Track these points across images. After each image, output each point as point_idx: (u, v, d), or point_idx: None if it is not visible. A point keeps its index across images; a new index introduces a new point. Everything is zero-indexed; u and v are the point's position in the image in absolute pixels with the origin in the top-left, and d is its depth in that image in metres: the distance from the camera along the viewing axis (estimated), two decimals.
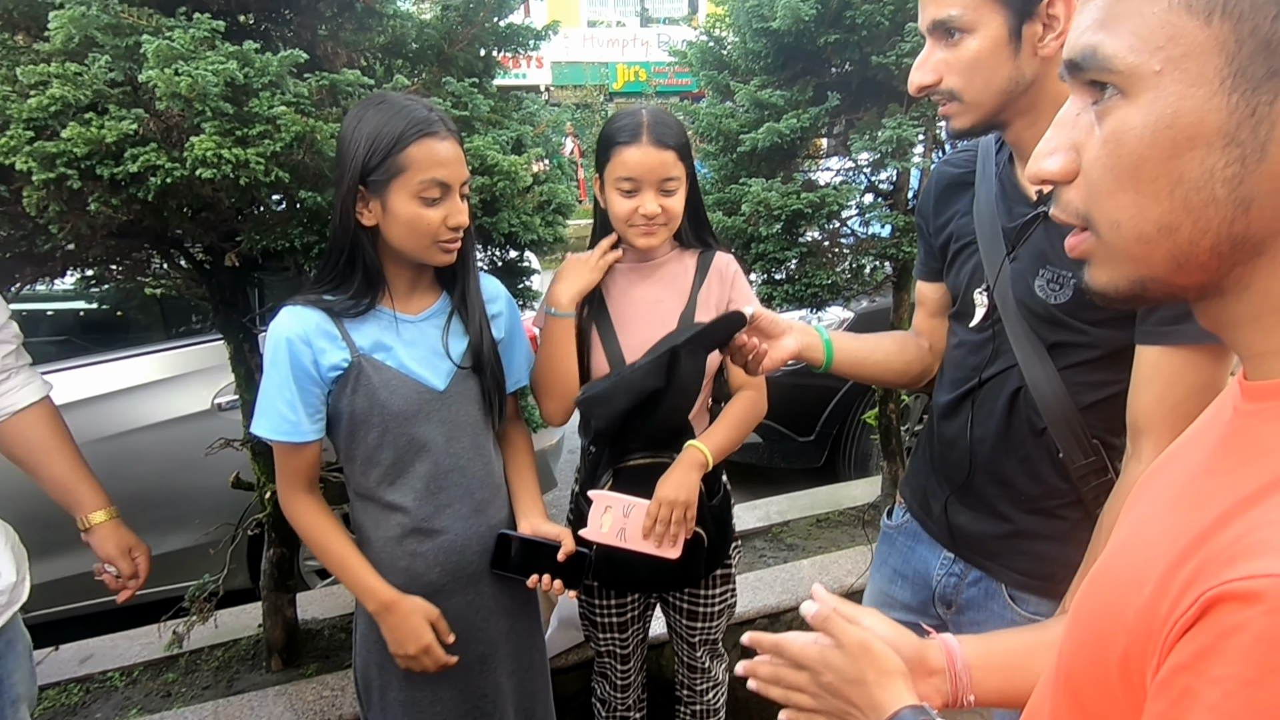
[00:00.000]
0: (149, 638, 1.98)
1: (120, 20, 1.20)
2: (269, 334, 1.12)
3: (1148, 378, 0.91)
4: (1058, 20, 0.88)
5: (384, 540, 1.19)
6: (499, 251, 1.92)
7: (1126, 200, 0.40)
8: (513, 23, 1.76)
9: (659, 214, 1.28)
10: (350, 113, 1.12)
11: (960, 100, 0.93)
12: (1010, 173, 1.05)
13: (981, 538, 1.12)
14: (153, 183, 1.18)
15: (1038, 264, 0.99)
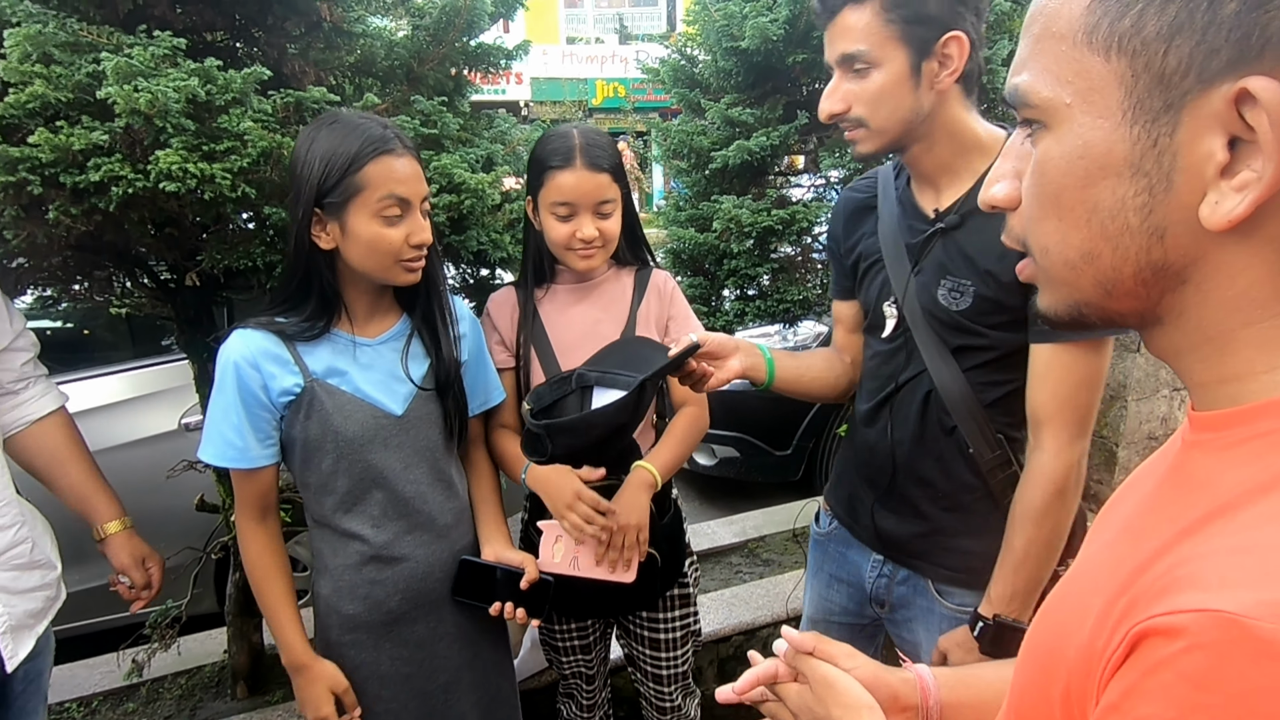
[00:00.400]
0: (108, 666, 1.92)
1: (79, 38, 1.18)
2: (218, 358, 1.10)
3: (1041, 374, 1.01)
4: (951, 59, 0.98)
5: (342, 568, 1.16)
6: (469, 270, 1.92)
7: (1051, 227, 0.42)
8: (483, 42, 1.77)
9: (596, 237, 1.27)
10: (302, 133, 1.10)
11: (867, 127, 1.03)
12: (909, 194, 1.14)
13: (907, 538, 1.19)
14: (115, 193, 1.16)
15: (939, 275, 1.07)
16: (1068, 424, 1.00)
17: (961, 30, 0.97)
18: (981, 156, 1.06)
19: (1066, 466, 1.01)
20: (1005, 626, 1.05)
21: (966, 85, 1.03)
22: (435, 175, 1.47)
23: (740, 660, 2.14)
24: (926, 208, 1.11)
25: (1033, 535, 1.03)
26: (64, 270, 1.48)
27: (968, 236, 1.05)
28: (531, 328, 1.36)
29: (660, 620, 1.47)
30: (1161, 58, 0.36)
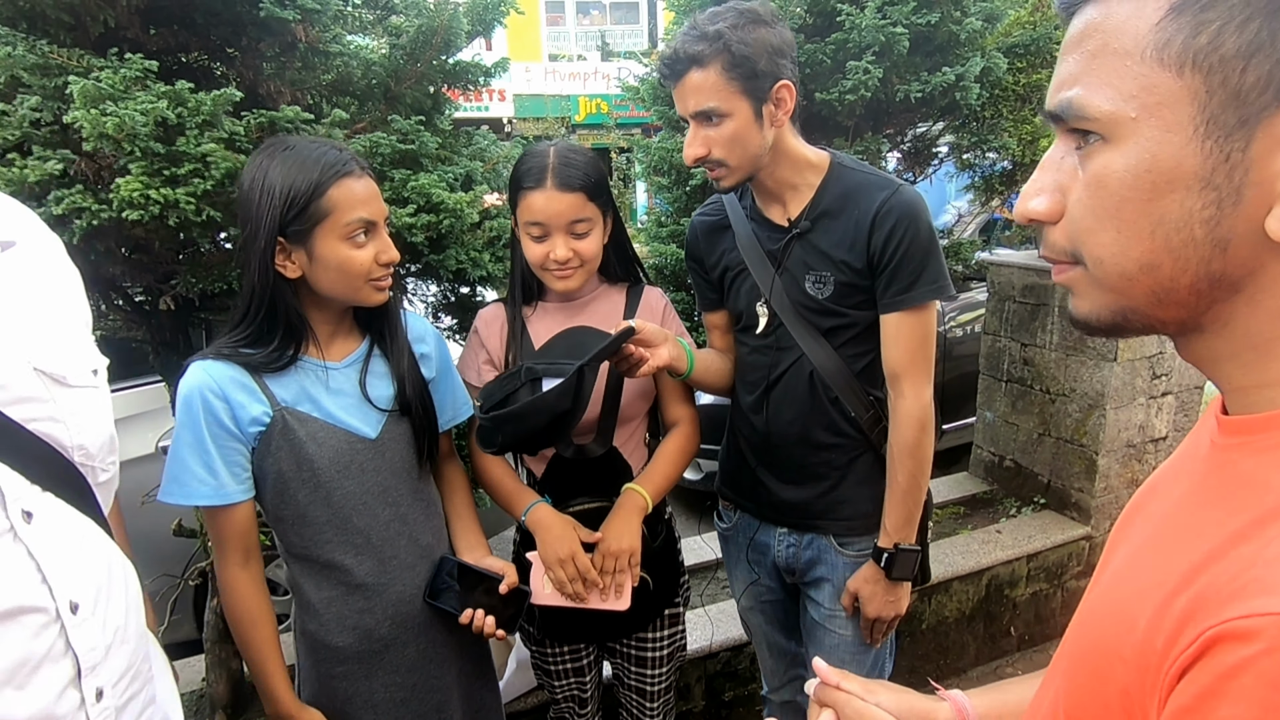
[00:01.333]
0: None
1: (49, 60, 1.17)
2: (179, 392, 1.05)
3: (893, 337, 1.24)
4: (784, 101, 1.18)
5: (327, 600, 1.14)
6: (449, 288, 1.91)
7: (1109, 239, 0.42)
8: (462, 60, 1.77)
9: (571, 258, 1.25)
10: (251, 162, 1.06)
11: (727, 166, 1.20)
12: (758, 211, 1.32)
13: (805, 504, 1.37)
14: (78, 226, 1.15)
15: (803, 271, 1.27)
16: (919, 372, 1.24)
17: (787, 78, 1.17)
18: (815, 173, 1.27)
19: (924, 405, 1.24)
20: (904, 551, 1.26)
21: (792, 119, 1.24)
22: (413, 195, 1.47)
23: (727, 676, 2.13)
24: (777, 219, 1.30)
25: (911, 468, 1.25)
26: None
27: (820, 237, 1.26)
28: (521, 346, 1.35)
29: (649, 640, 1.46)
30: (1239, 75, 0.36)
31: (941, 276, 1.22)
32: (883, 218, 1.20)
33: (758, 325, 1.34)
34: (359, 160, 1.08)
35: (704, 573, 2.51)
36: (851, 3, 1.95)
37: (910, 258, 1.20)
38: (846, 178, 1.25)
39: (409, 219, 1.40)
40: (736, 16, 1.14)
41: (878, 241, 1.20)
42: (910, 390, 1.24)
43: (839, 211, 1.24)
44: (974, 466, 3.05)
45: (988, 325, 2.87)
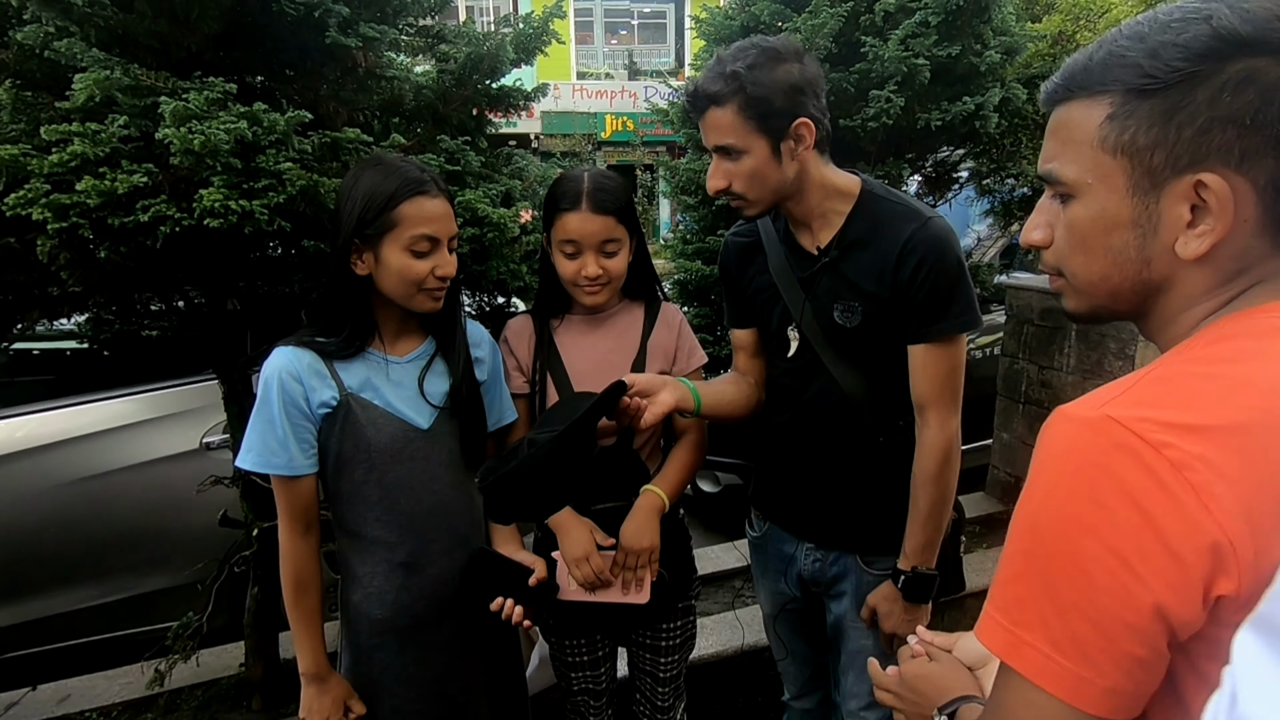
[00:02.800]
0: (128, 677, 1.98)
1: (140, 82, 1.29)
2: (262, 372, 1.17)
3: (920, 367, 1.25)
4: (804, 137, 1.19)
5: (370, 575, 1.24)
6: (487, 297, 2.01)
7: (1080, 260, 0.63)
8: (504, 84, 1.88)
9: (601, 275, 1.34)
10: (350, 172, 1.20)
11: (746, 199, 1.23)
12: (790, 236, 1.33)
13: (834, 523, 1.39)
14: (161, 232, 1.26)
15: (831, 299, 1.28)
16: (945, 403, 1.25)
17: (806, 115, 1.17)
18: (844, 201, 1.27)
19: (949, 436, 1.25)
20: (920, 575, 1.28)
21: (820, 148, 1.23)
22: (459, 210, 1.57)
23: (744, 682, 2.18)
24: (808, 246, 1.31)
25: (933, 495, 1.26)
26: (109, 298, 1.57)
27: (848, 267, 1.26)
28: (548, 355, 1.43)
29: (663, 630, 1.55)
30: (1149, 158, 0.57)
31: (969, 310, 1.23)
32: (909, 252, 1.20)
33: (789, 349, 1.36)
34: (439, 182, 1.20)
35: (720, 581, 2.56)
36: (875, 35, 2.04)
37: (937, 291, 1.20)
38: (876, 207, 1.26)
39: None
40: (757, 55, 1.16)
41: (904, 275, 1.21)
42: (935, 420, 1.25)
43: (867, 242, 1.25)
44: (990, 487, 3.08)
45: (1006, 347, 2.91)
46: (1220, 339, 0.55)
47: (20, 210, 1.21)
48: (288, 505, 1.20)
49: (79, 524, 2.38)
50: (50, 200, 1.21)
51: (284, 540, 1.21)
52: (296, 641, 1.23)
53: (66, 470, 2.37)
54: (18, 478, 2.33)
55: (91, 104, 1.29)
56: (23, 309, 1.52)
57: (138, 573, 2.44)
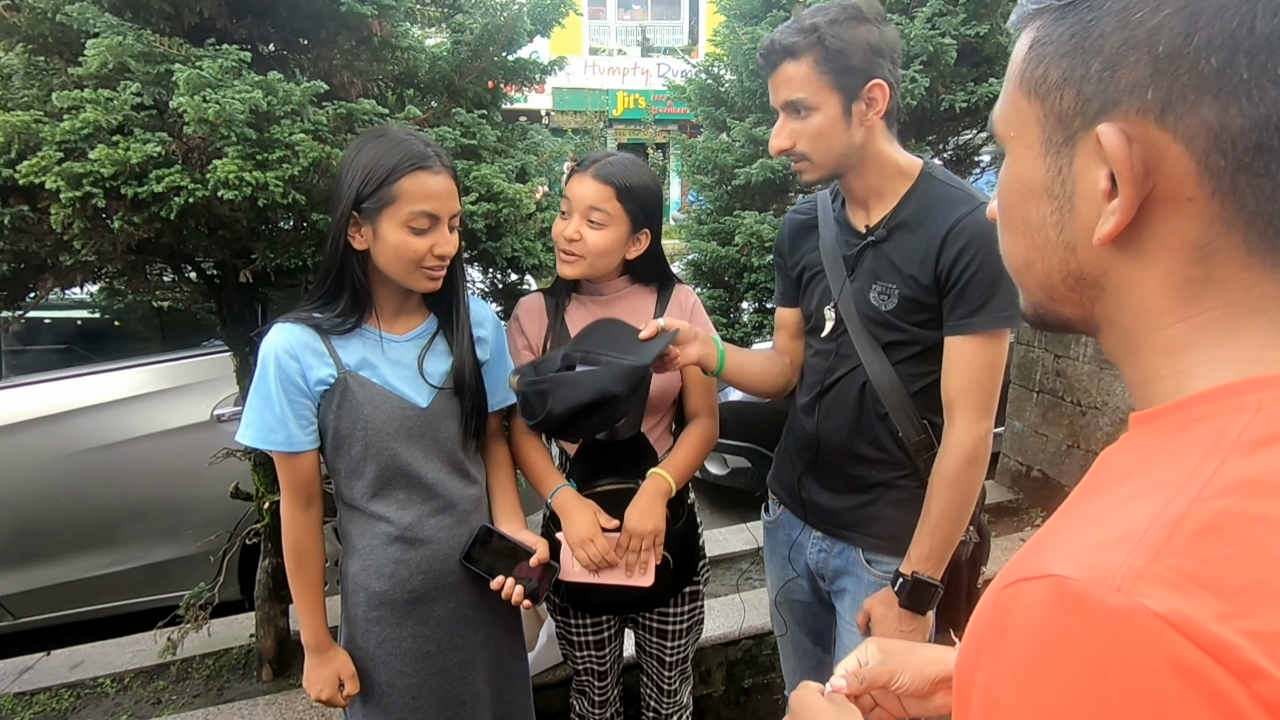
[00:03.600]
0: (140, 645, 2.00)
1: (153, 49, 1.27)
2: (260, 349, 1.16)
3: (954, 362, 1.18)
4: (876, 101, 1.15)
5: (370, 548, 1.23)
6: (499, 275, 1.99)
7: (1006, 238, 0.49)
8: (520, 57, 1.84)
9: (577, 240, 1.32)
10: (353, 143, 1.18)
11: (810, 160, 1.19)
12: (844, 214, 1.30)
13: (840, 511, 1.35)
14: (175, 202, 1.24)
15: (871, 280, 1.25)
16: (976, 403, 1.18)
17: (881, 78, 1.14)
18: (902, 180, 1.23)
19: (975, 439, 1.17)
20: (921, 582, 1.20)
21: (888, 121, 1.20)
22: (474, 184, 1.55)
23: (747, 663, 2.19)
24: (859, 225, 1.27)
25: (947, 500, 1.18)
26: (121, 268, 1.56)
27: (893, 247, 1.22)
28: (558, 335, 1.42)
29: (670, 614, 1.54)
30: (1058, 102, 0.42)
31: (1013, 304, 1.13)
32: (955, 235, 1.15)
33: (824, 328, 1.33)
34: (443, 158, 1.16)
35: (727, 563, 2.57)
36: (901, 12, 1.99)
37: (979, 281, 1.14)
38: (932, 190, 1.21)
39: (470, 207, 1.48)
40: (838, 12, 1.13)
41: (946, 259, 1.16)
42: (963, 420, 1.18)
43: (916, 224, 1.20)
44: (1000, 475, 3.06)
45: (1021, 335, 2.88)
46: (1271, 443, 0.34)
47: (33, 179, 1.19)
48: (288, 480, 1.20)
49: (92, 492, 2.39)
50: (63, 168, 1.19)
51: (285, 514, 1.22)
52: (299, 613, 1.24)
53: (79, 439, 2.39)
54: (31, 445, 2.35)
55: (104, 70, 1.27)
56: (36, 277, 1.51)
57: (149, 542, 2.46)
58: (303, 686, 1.25)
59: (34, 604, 2.42)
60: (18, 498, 2.33)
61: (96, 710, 1.82)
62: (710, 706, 2.15)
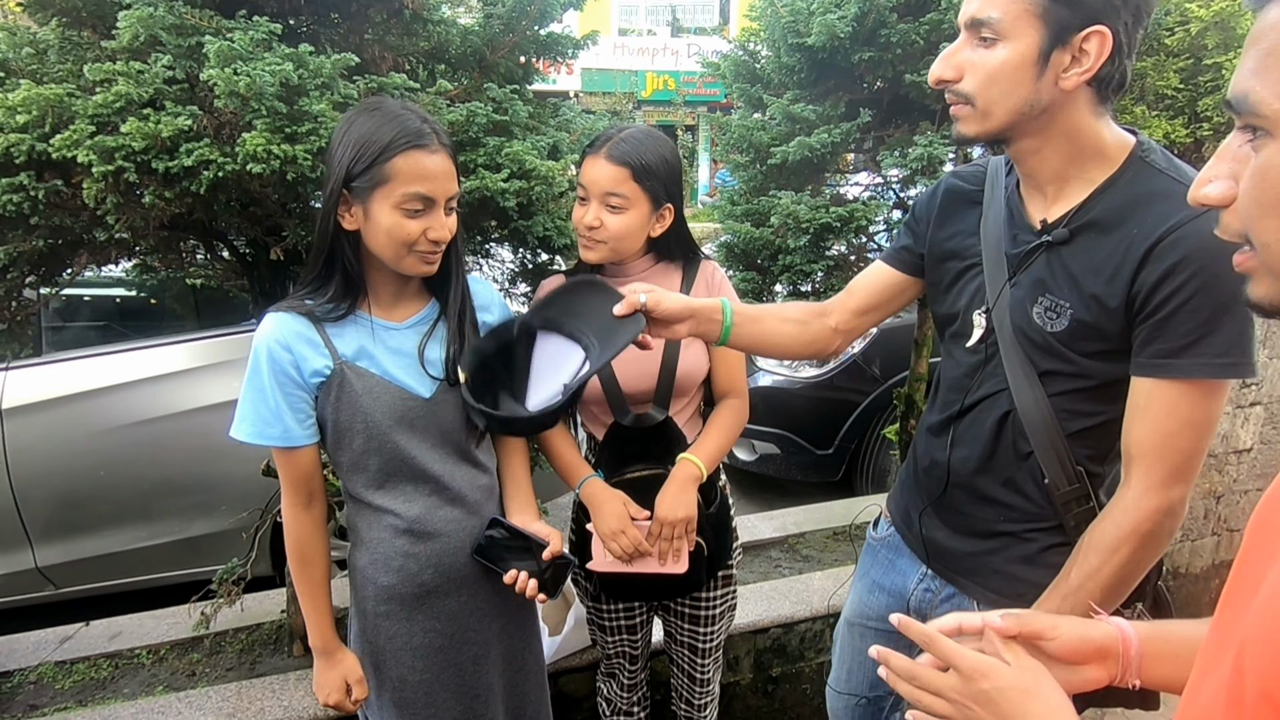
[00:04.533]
0: (176, 618, 2.03)
1: (184, 21, 1.25)
2: (253, 340, 1.10)
3: (1141, 408, 0.92)
4: (1087, 56, 0.88)
5: (377, 540, 1.19)
6: (530, 254, 1.96)
7: (1273, 225, 0.44)
8: (553, 31, 1.80)
9: (598, 228, 1.28)
10: (345, 116, 1.10)
11: (973, 105, 0.93)
12: (1017, 198, 1.05)
13: (957, 554, 1.14)
14: (205, 176, 1.23)
15: (1037, 291, 0.99)
16: (1163, 464, 0.91)
17: (1109, 26, 0.86)
18: (1101, 167, 0.96)
19: (1153, 509, 0.92)
20: None
21: (1101, 90, 0.92)
22: (506, 161, 1.51)
23: (776, 652, 2.16)
24: (1033, 216, 1.01)
25: (1094, 569, 0.94)
26: (155, 245, 1.56)
27: (1075, 254, 0.96)
28: None
29: (703, 599, 1.51)
30: None
31: (1236, 349, 0.87)
32: (1167, 246, 0.88)
33: (969, 335, 1.08)
34: (441, 136, 1.09)
35: (756, 550, 2.54)
36: None
37: (1192, 311, 0.87)
38: (1142, 180, 0.93)
39: (502, 184, 1.45)
40: None
41: (1148, 278, 0.89)
42: (1141, 482, 0.92)
43: (1112, 225, 0.93)
44: None
45: None
46: None
47: (66, 152, 1.19)
48: (288, 476, 1.15)
49: (130, 467, 2.44)
50: (95, 142, 1.18)
51: (287, 513, 1.17)
52: (305, 614, 1.19)
53: (118, 415, 2.43)
54: (72, 420, 2.40)
55: (136, 43, 1.26)
56: (72, 254, 1.52)
57: (185, 517, 2.51)
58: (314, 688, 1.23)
59: (75, 575, 2.48)
60: (59, 471, 2.38)
61: (134, 681, 1.86)
62: (737, 695, 2.12)
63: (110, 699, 1.79)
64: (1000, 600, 1.08)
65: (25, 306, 1.59)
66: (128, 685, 1.84)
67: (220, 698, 1.76)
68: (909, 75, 1.98)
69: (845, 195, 2.35)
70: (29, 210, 1.25)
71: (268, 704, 1.74)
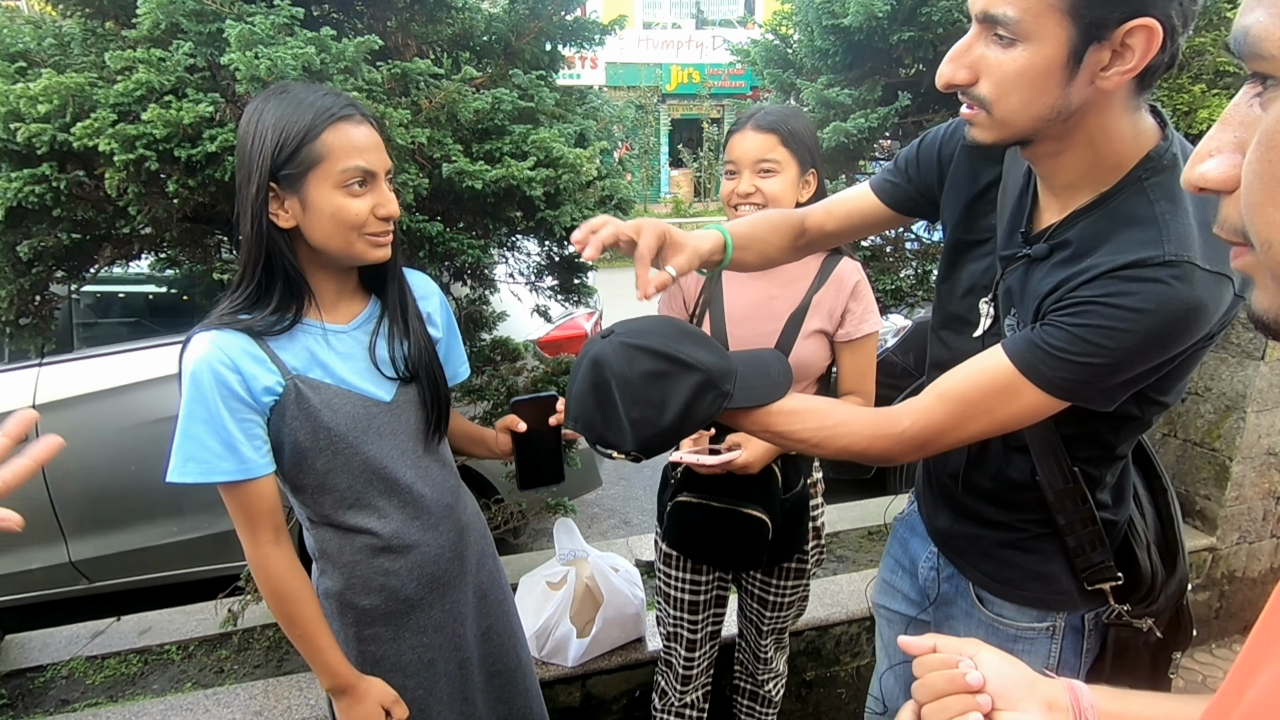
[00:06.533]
0: (204, 614, 2.03)
1: (204, 7, 1.22)
2: (183, 369, 0.97)
3: (979, 368, 0.87)
4: (1132, 52, 0.74)
5: (353, 564, 1.10)
6: (556, 246, 1.91)
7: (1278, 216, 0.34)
8: (579, 17, 1.75)
9: (754, 193, 1.34)
10: (250, 106, 0.99)
11: (988, 112, 0.80)
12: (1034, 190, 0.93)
13: (956, 537, 1.14)
14: (229, 163, 1.20)
15: (1008, 302, 0.93)
16: (947, 418, 0.88)
17: (1157, 16, 0.71)
18: (1108, 173, 0.84)
19: (908, 441, 0.89)
20: None
21: (1142, 82, 0.78)
22: (532, 149, 1.47)
23: (811, 655, 2.10)
24: (1038, 219, 0.92)
25: (820, 440, 0.90)
26: (180, 238, 1.54)
27: (1043, 273, 0.87)
28: (713, 290, 1.42)
29: (772, 584, 1.55)
30: None
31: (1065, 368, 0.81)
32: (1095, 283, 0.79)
33: (976, 325, 1.00)
34: (360, 108, 1.01)
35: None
36: None
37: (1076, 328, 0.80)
38: (1129, 206, 0.81)
39: (529, 172, 1.40)
40: None
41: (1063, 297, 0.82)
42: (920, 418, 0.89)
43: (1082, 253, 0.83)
44: None
45: None
46: None
47: (88, 141, 1.17)
48: (251, 511, 1.00)
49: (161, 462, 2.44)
50: (116, 130, 1.16)
51: (255, 555, 1.02)
52: (311, 657, 1.06)
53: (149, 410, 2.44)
54: (104, 416, 2.41)
55: (157, 31, 1.23)
56: (97, 248, 1.50)
57: (215, 511, 2.51)
58: None
59: (108, 569, 2.50)
60: (92, 466, 2.40)
61: (163, 676, 1.85)
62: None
63: (139, 695, 1.78)
64: (991, 583, 1.10)
65: (49, 301, 1.58)
66: (157, 681, 1.84)
67: (248, 695, 1.74)
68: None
69: None
70: (51, 202, 1.23)
71: (294, 702, 1.72)
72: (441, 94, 1.42)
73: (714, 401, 0.86)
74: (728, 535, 1.38)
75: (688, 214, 13.14)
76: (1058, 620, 1.06)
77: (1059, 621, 1.06)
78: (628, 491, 3.74)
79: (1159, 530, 1.08)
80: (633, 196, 1.83)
